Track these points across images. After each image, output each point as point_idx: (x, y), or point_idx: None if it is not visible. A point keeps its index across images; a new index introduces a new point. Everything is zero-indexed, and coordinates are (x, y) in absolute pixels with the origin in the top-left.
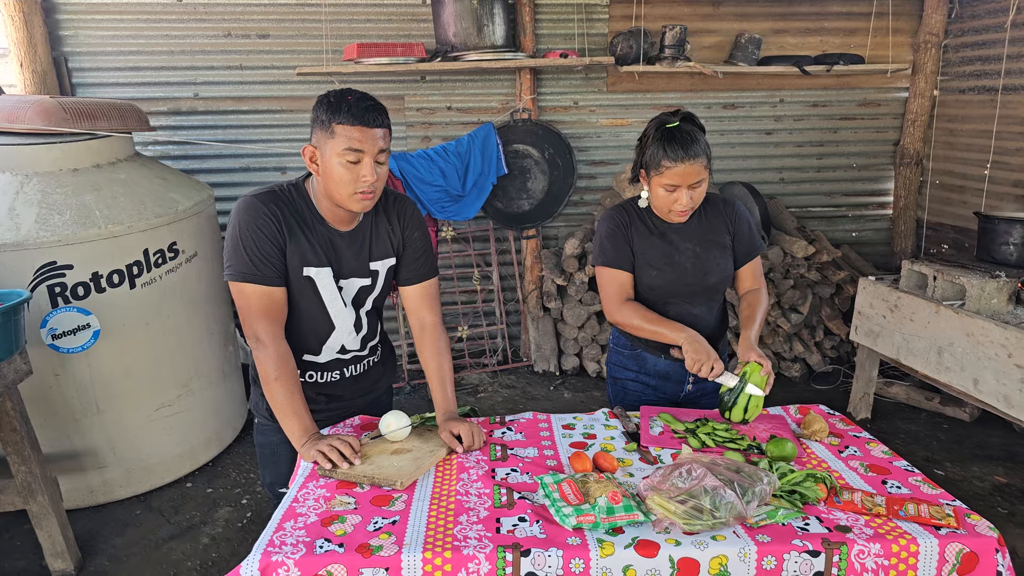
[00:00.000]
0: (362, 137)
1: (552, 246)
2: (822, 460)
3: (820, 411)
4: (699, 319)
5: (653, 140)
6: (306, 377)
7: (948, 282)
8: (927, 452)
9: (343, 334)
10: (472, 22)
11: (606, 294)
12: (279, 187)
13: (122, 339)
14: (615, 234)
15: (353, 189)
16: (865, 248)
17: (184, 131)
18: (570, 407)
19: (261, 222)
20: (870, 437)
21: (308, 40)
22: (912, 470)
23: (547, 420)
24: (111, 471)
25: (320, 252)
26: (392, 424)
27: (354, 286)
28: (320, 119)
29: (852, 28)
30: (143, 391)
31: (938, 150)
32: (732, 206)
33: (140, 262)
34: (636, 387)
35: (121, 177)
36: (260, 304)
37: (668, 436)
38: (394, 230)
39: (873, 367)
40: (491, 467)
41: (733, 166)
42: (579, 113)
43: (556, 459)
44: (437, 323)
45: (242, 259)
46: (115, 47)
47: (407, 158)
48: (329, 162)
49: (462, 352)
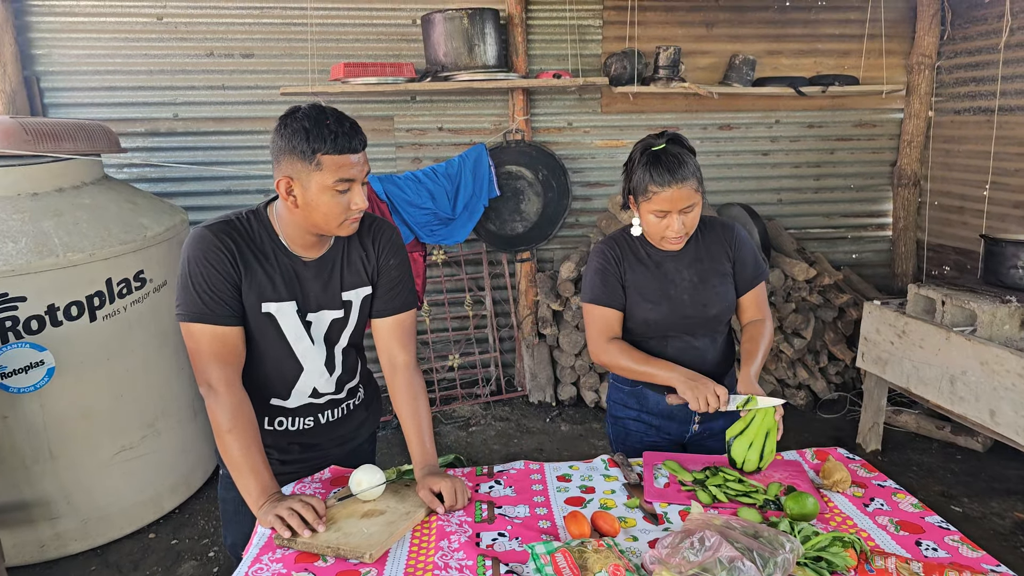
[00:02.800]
0: (352, 165)
1: (547, 269)
2: (847, 517)
3: (839, 456)
4: (702, 352)
5: (639, 165)
6: (275, 425)
7: (957, 307)
8: (942, 486)
9: (313, 375)
10: (463, 42)
11: (591, 333)
12: (236, 216)
13: (80, 376)
14: (605, 270)
15: (344, 218)
16: (866, 270)
17: (163, 153)
18: (567, 440)
19: (212, 256)
20: (896, 487)
21: (294, 60)
22: (948, 527)
23: (540, 471)
24: (64, 523)
25: (281, 285)
26: (364, 482)
27: (325, 320)
28: (298, 149)
29: (846, 50)
30: (102, 433)
31: (936, 171)
32: (732, 230)
33: (102, 292)
34: (638, 427)
35: (86, 202)
36: (211, 346)
37: (675, 489)
38: (368, 257)
39: (882, 396)
40: (475, 531)
41: (730, 187)
42: (573, 134)
43: (550, 519)
44: (410, 363)
45: (191, 297)
46: (91, 66)
47: (394, 180)
48: (315, 195)
49: (453, 382)
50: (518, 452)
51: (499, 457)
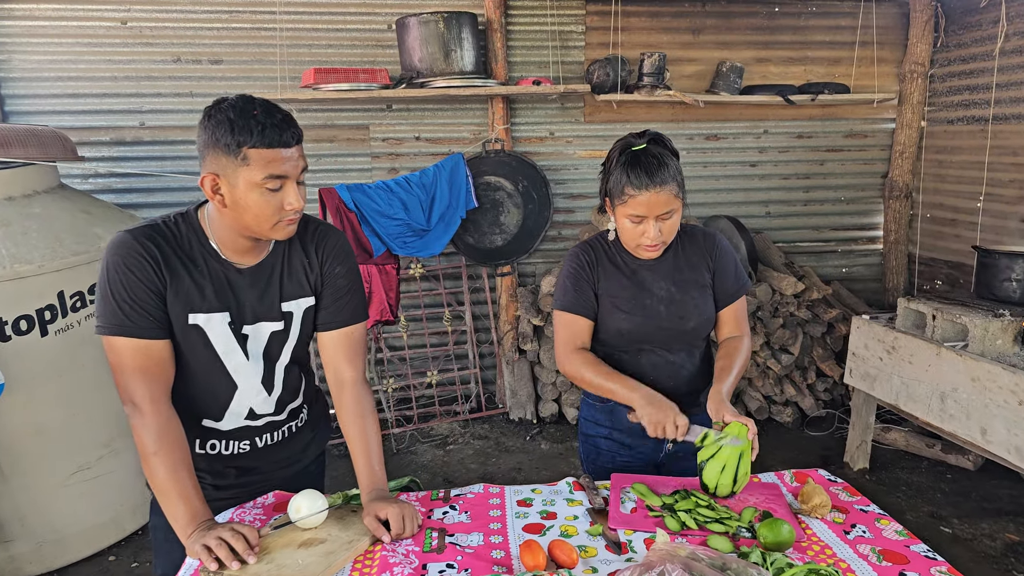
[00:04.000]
0: (283, 160)
1: (529, 284)
2: (825, 545)
3: (820, 478)
4: (678, 367)
5: (616, 165)
6: (207, 448)
7: (948, 321)
8: (932, 507)
9: (249, 395)
10: (439, 47)
11: (557, 340)
12: (163, 219)
13: (31, 393)
14: (577, 275)
15: (278, 219)
16: (856, 284)
17: (129, 162)
18: (547, 459)
19: (132, 262)
20: (880, 512)
21: (264, 66)
22: (934, 557)
23: (500, 495)
24: (18, 545)
25: (211, 294)
26: (303, 508)
27: (263, 333)
28: (222, 142)
29: (836, 57)
30: (57, 452)
31: (928, 182)
32: (713, 239)
33: (53, 306)
34: (609, 446)
35: (36, 211)
36: (134, 361)
37: (642, 515)
38: (311, 264)
39: (870, 413)
40: (422, 562)
41: (717, 199)
42: (555, 144)
43: (504, 548)
44: (358, 380)
45: (111, 308)
46: (53, 72)
47: (363, 189)
48: (243, 193)
49: (432, 399)
50: (495, 472)
51: (476, 476)
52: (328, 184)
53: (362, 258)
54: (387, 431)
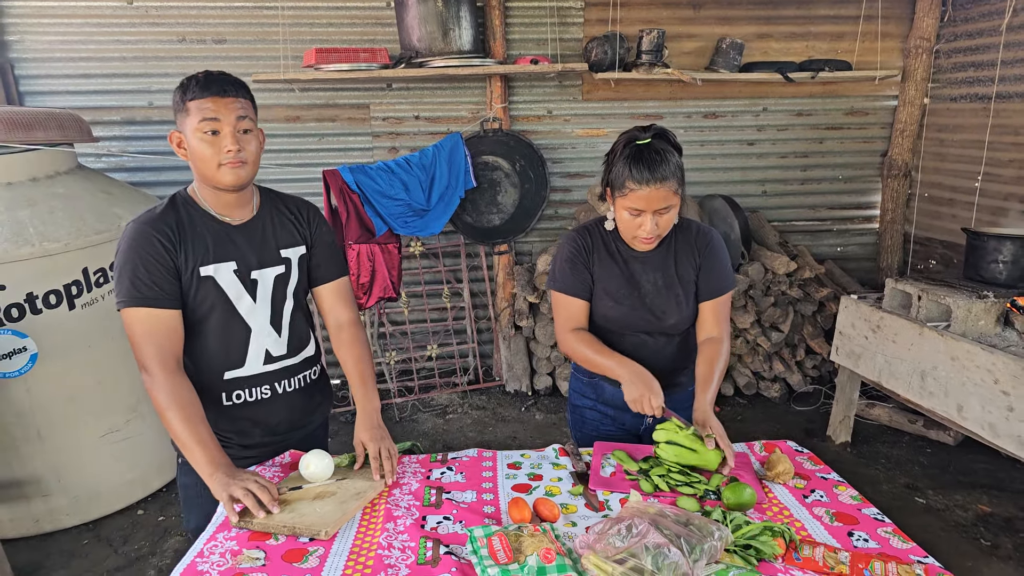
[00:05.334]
0: (215, 106)
1: (525, 262)
2: (784, 507)
3: (787, 448)
4: (657, 350)
5: (620, 157)
6: (234, 399)
7: (933, 302)
8: (909, 478)
9: (262, 336)
10: (437, 26)
11: (557, 320)
12: (160, 204)
13: (63, 362)
14: (574, 259)
15: (217, 160)
16: (850, 264)
17: (139, 142)
18: (541, 429)
19: (141, 242)
20: (839, 479)
21: (266, 45)
22: (882, 519)
23: (492, 458)
24: (57, 499)
25: (212, 247)
26: (312, 465)
27: (268, 277)
28: (176, 102)
29: (840, 32)
30: (88, 416)
31: (927, 161)
32: (706, 236)
33: (79, 282)
34: (594, 416)
35: (60, 191)
36: (144, 327)
37: (620, 478)
38: (300, 222)
39: (854, 389)
40: (422, 515)
41: (713, 178)
42: (553, 123)
43: (495, 504)
44: (355, 320)
45: (124, 284)
46: (64, 53)
47: (366, 170)
48: (192, 143)
49: (432, 372)
50: (492, 440)
51: (474, 444)
52: (331, 162)
53: (364, 237)
54: (389, 400)
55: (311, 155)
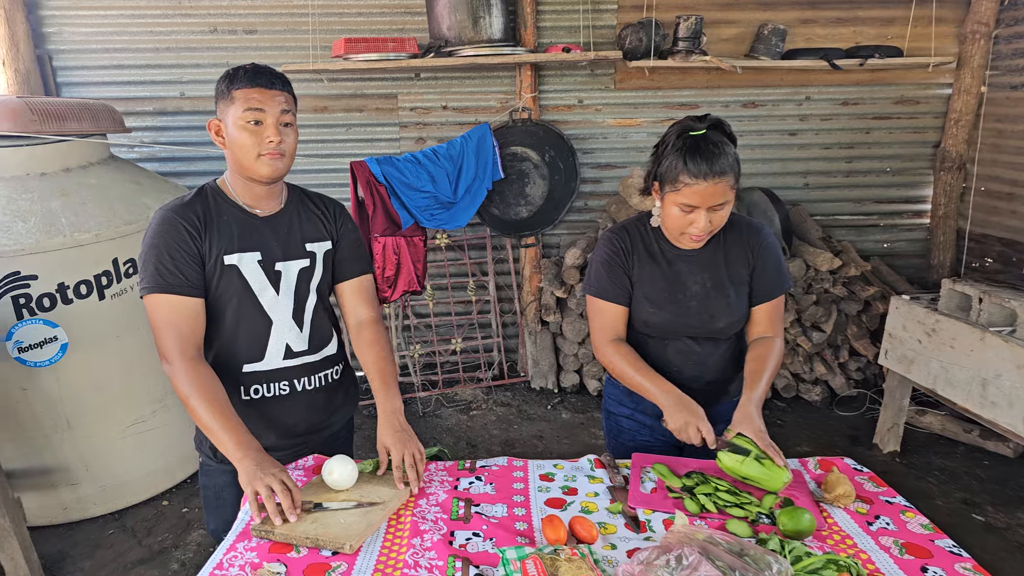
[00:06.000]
0: (261, 97)
1: (553, 255)
2: (847, 535)
3: (845, 467)
4: (703, 357)
5: (673, 149)
6: (252, 393)
7: (996, 305)
8: (965, 493)
9: (283, 329)
10: (467, 14)
11: (593, 327)
12: (189, 193)
13: (92, 352)
14: (611, 262)
15: (258, 151)
16: (898, 261)
17: (171, 132)
18: (568, 428)
19: (167, 228)
20: (906, 504)
21: (296, 36)
22: (959, 553)
23: (523, 468)
24: (84, 488)
25: (238, 237)
26: (336, 472)
27: (293, 270)
28: (220, 91)
29: (890, 17)
30: (116, 406)
31: (984, 153)
32: (758, 233)
33: (109, 272)
34: (631, 425)
35: (92, 182)
36: (165, 315)
37: (662, 495)
38: (326, 217)
39: (904, 395)
40: (450, 529)
41: (752, 170)
42: (584, 112)
43: (527, 520)
44: (376, 318)
45: (148, 271)
46: (99, 44)
47: (393, 162)
48: (233, 131)
49: (456, 366)
50: (517, 438)
51: (498, 442)
52: (358, 153)
53: (390, 230)
54: (413, 394)
55: (338, 145)
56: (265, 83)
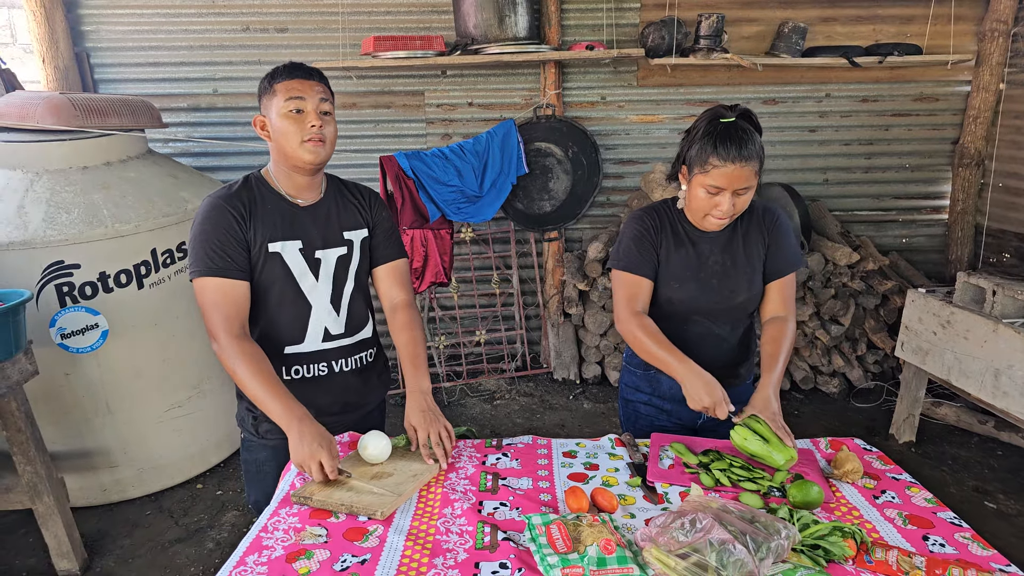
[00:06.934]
0: (301, 87)
1: (575, 249)
2: (853, 507)
3: (855, 447)
4: (721, 340)
5: (704, 134)
6: (292, 373)
7: (1009, 298)
8: (978, 481)
9: (322, 313)
10: (493, 12)
11: (618, 299)
12: (235, 182)
13: (131, 340)
14: (641, 237)
15: (301, 137)
16: (916, 256)
17: (204, 127)
18: (589, 418)
19: (215, 215)
20: (911, 480)
21: (326, 34)
22: (960, 524)
23: (547, 446)
24: (123, 471)
25: (281, 226)
26: (371, 446)
27: (332, 257)
28: (263, 87)
29: (909, 15)
30: (153, 392)
31: (1003, 149)
32: (772, 214)
33: (148, 262)
34: (649, 411)
35: (131, 175)
36: (213, 296)
37: (679, 471)
38: (363, 205)
39: (920, 386)
40: (479, 499)
41: (772, 166)
42: (607, 109)
43: (551, 492)
44: (410, 301)
45: (196, 255)
46: (135, 42)
47: (420, 156)
48: (276, 122)
49: (480, 357)
50: (540, 426)
51: (521, 430)
52: (386, 148)
53: (418, 223)
54: (438, 384)
55: (367, 141)
56: (303, 75)
